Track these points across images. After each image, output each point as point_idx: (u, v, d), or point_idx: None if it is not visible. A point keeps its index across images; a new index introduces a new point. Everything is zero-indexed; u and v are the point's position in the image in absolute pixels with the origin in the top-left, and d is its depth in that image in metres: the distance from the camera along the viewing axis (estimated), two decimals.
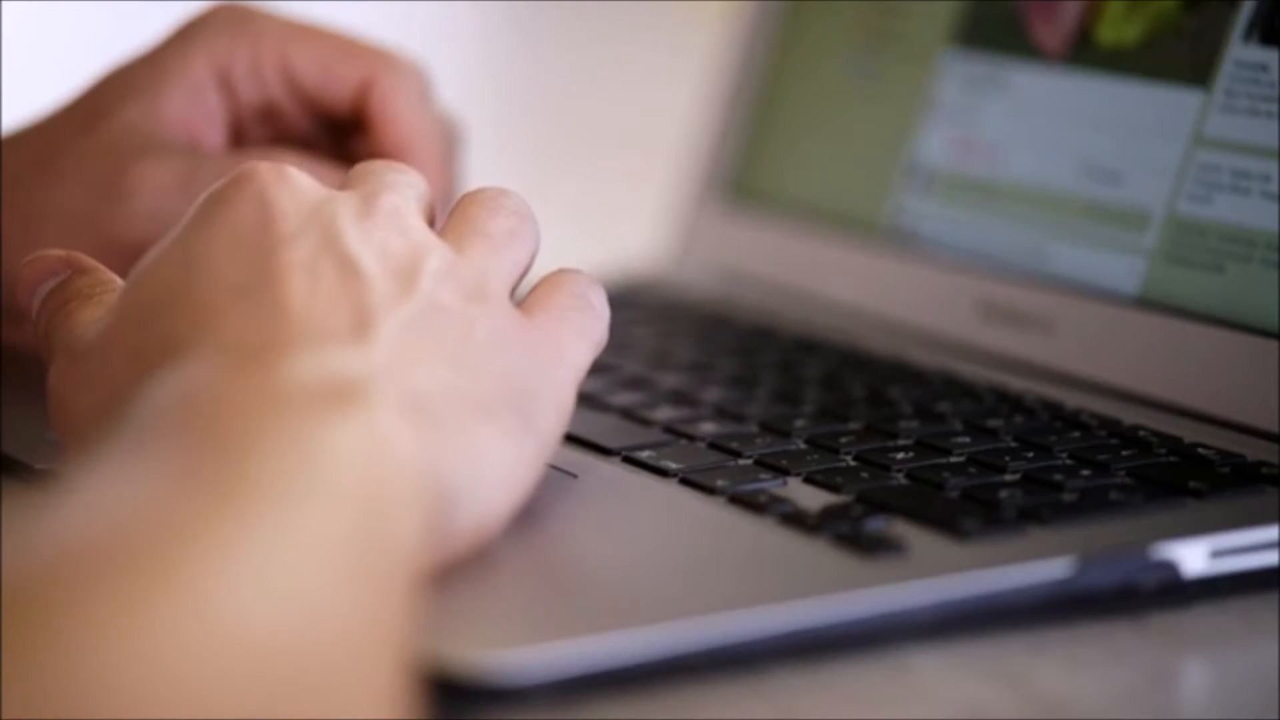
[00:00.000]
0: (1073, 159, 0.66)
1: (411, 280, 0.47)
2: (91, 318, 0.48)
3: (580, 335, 0.50)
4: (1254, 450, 0.55)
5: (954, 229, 0.70)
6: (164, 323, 0.45)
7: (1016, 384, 0.62)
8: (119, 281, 0.50)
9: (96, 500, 0.37)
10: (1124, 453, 0.54)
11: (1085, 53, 0.67)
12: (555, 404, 0.48)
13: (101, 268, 0.51)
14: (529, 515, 0.47)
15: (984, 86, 0.70)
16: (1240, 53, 0.62)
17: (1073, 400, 0.60)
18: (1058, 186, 0.67)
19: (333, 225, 0.47)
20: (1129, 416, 0.58)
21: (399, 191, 0.49)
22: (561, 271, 0.52)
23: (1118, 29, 0.66)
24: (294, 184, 0.48)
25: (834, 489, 0.51)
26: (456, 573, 0.44)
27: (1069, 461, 0.53)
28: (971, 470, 0.53)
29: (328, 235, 0.46)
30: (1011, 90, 0.69)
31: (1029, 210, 0.67)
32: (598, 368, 0.64)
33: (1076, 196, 0.66)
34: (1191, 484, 0.51)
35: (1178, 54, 0.63)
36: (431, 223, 0.51)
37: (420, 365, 0.45)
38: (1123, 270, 0.63)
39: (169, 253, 0.47)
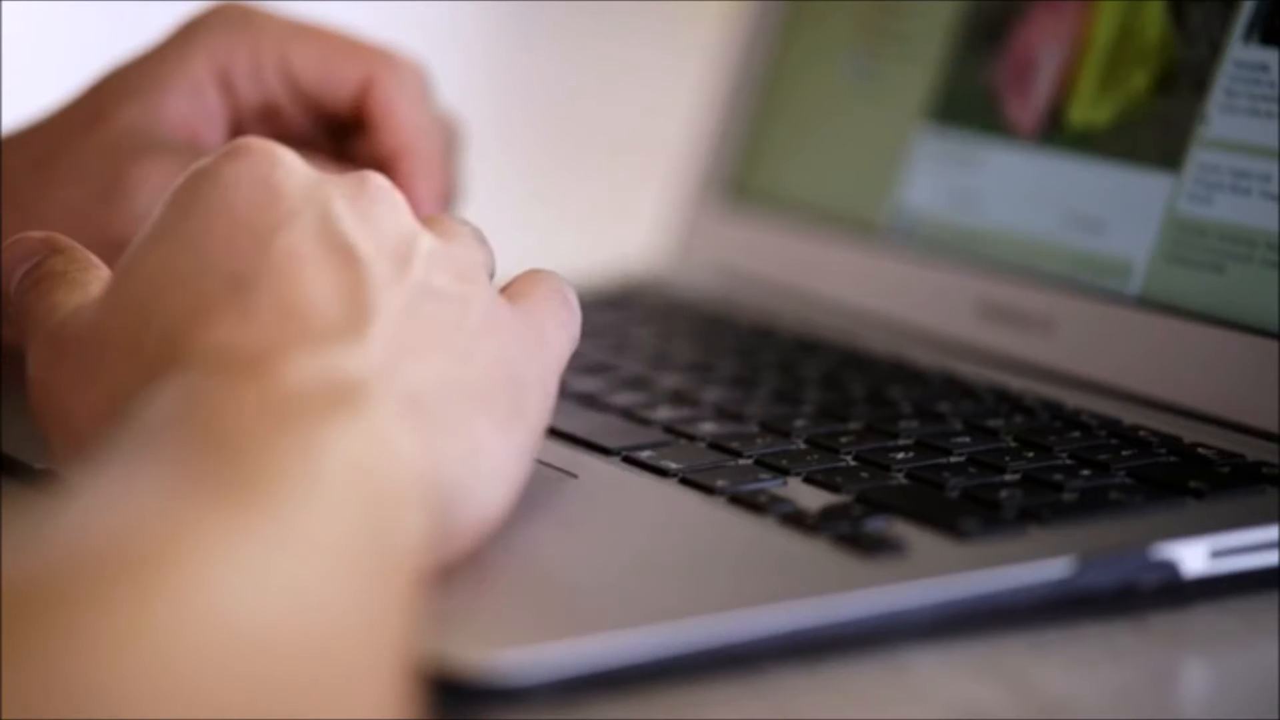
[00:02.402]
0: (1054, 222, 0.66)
1: (407, 261, 0.47)
2: (68, 299, 0.48)
3: (560, 326, 0.50)
4: (1254, 450, 0.55)
5: (954, 229, 0.70)
6: (161, 315, 0.45)
7: (1016, 384, 0.62)
8: (95, 260, 0.50)
9: (98, 502, 0.37)
10: (1124, 453, 0.54)
11: (1057, 133, 0.67)
12: (542, 391, 0.48)
13: (78, 247, 0.50)
14: (529, 515, 0.47)
15: (959, 164, 0.70)
16: (1240, 53, 0.62)
17: (1073, 400, 0.60)
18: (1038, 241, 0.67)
19: (329, 206, 0.46)
20: (1129, 416, 0.58)
21: (382, 179, 0.49)
22: (536, 270, 0.52)
23: (1089, 110, 0.66)
24: (288, 163, 0.47)
25: (834, 489, 0.51)
26: (457, 572, 0.44)
27: (1069, 461, 0.53)
28: (971, 470, 0.53)
29: (324, 217, 0.46)
30: (986, 168, 0.69)
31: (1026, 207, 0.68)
32: (598, 367, 0.64)
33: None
34: (1191, 484, 0.51)
35: (1148, 137, 0.63)
36: None
37: (416, 357, 0.45)
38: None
39: (163, 236, 0.47)
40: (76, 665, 0.32)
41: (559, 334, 0.50)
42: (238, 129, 0.64)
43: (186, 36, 0.63)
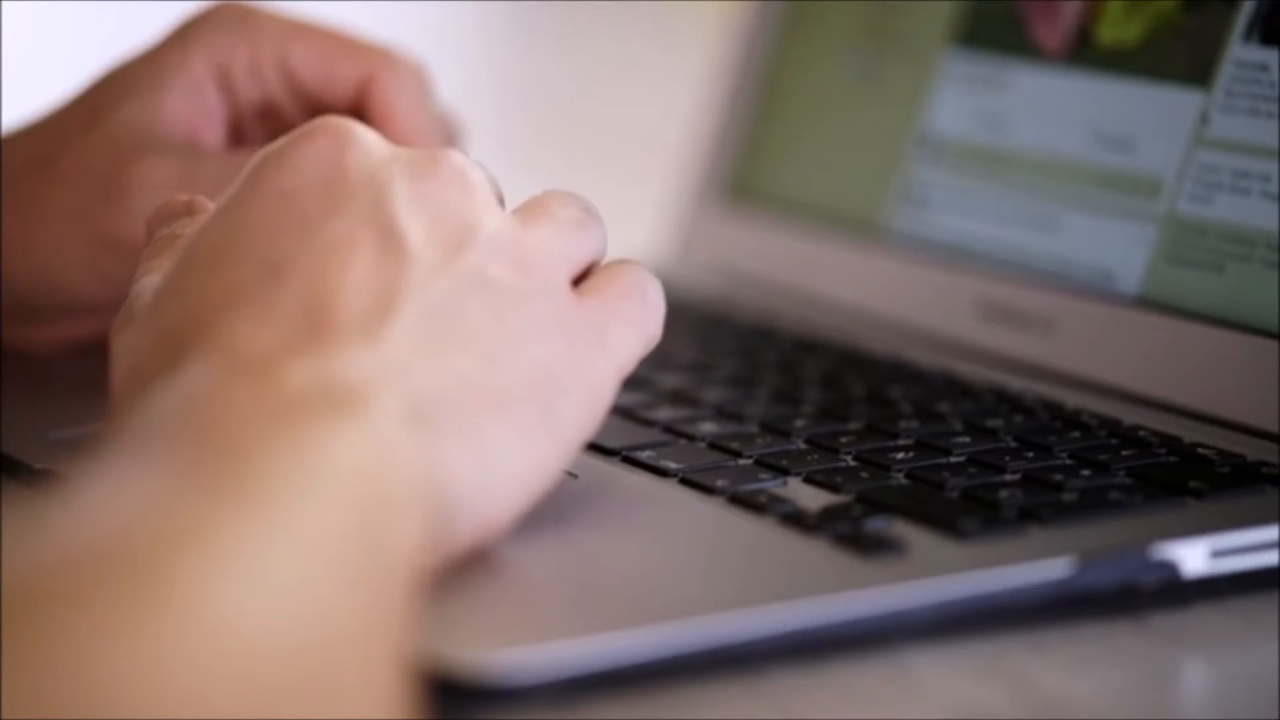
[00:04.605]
0: (1081, 141, 0.66)
1: (458, 249, 0.46)
2: (163, 264, 0.48)
3: (629, 325, 0.49)
4: (1254, 450, 0.55)
5: (954, 228, 0.70)
6: (194, 298, 0.45)
7: (1016, 384, 0.62)
8: None
9: (97, 503, 0.37)
10: (1124, 453, 0.54)
11: (1085, 52, 0.67)
12: (587, 397, 0.47)
13: (207, 205, 0.49)
14: (529, 515, 0.47)
15: (984, 86, 0.70)
16: (1240, 53, 0.62)
17: (1073, 400, 0.60)
18: (1065, 160, 0.67)
19: (386, 190, 0.46)
20: (1129, 416, 0.58)
21: (469, 160, 0.48)
22: (619, 261, 0.50)
23: (1118, 29, 0.66)
24: (360, 143, 0.47)
25: (834, 489, 0.51)
26: (456, 573, 0.44)
27: (1069, 461, 0.53)
28: (971, 470, 0.53)
29: (377, 201, 0.45)
30: (1011, 90, 0.69)
31: (1034, 196, 0.67)
32: None
33: (1086, 166, 0.66)
34: (1191, 484, 0.51)
35: (1178, 53, 0.63)
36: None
37: (437, 356, 0.44)
38: (1134, 239, 0.63)
39: (219, 221, 0.46)
40: (76, 665, 0.32)
41: (624, 334, 0.48)
42: (237, 128, 0.64)
43: (185, 36, 0.63)
